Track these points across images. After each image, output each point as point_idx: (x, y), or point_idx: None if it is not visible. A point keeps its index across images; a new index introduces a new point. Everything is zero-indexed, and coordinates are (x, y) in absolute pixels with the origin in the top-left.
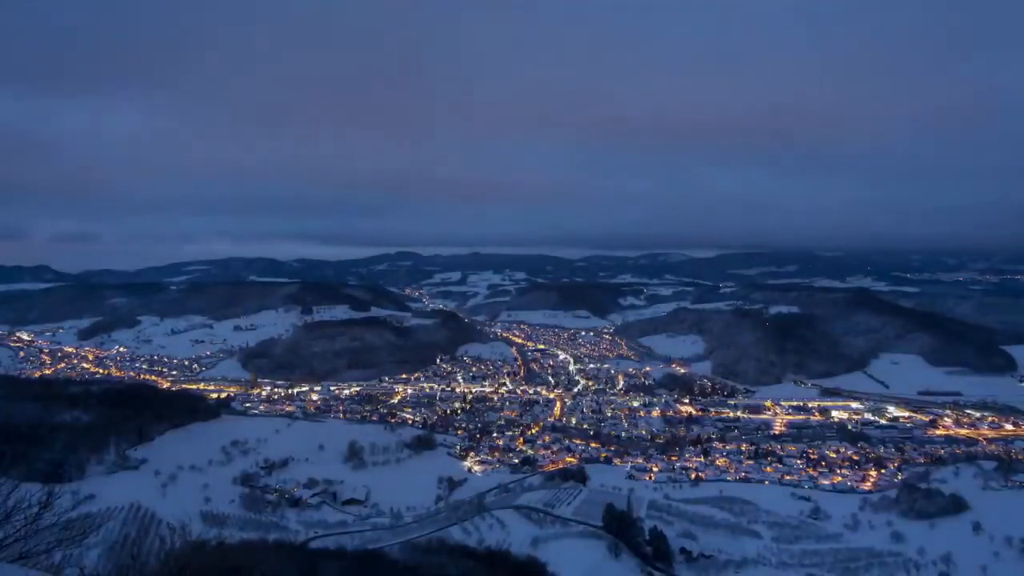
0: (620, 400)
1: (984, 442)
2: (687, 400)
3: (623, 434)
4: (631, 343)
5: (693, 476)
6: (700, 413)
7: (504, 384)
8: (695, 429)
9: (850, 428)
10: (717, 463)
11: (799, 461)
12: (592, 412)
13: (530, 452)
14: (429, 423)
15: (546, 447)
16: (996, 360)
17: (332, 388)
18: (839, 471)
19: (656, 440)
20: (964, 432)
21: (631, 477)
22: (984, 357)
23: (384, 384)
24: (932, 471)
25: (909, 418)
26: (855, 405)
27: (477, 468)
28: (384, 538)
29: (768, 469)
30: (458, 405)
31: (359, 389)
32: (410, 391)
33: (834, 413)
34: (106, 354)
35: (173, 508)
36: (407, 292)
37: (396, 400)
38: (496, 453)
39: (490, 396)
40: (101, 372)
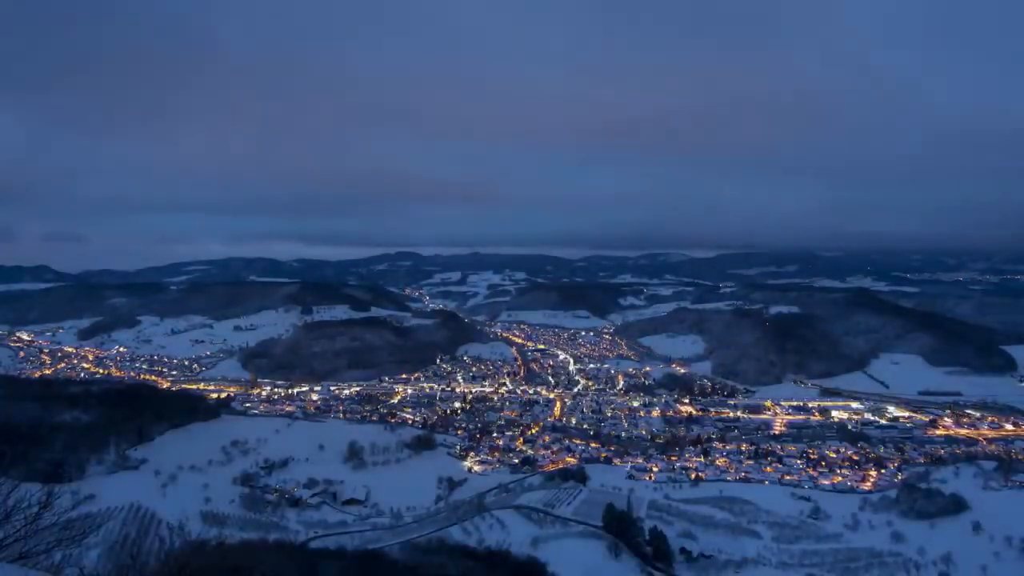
0: (620, 400)
1: (984, 442)
2: (687, 400)
3: (623, 434)
4: (631, 343)
5: (693, 476)
6: (700, 413)
7: (504, 384)
8: (695, 429)
9: (850, 428)
10: (717, 463)
11: (799, 461)
12: (592, 412)
13: (530, 452)
14: (429, 423)
15: (546, 447)
16: (996, 360)
17: (332, 388)
18: (839, 471)
19: (656, 440)
20: (964, 432)
21: (631, 477)
22: (984, 357)
23: (384, 384)
24: (932, 471)
25: (909, 418)
26: (855, 405)
27: (477, 468)
28: (384, 538)
29: (768, 469)
30: (458, 405)
31: (359, 389)
32: (410, 391)
33: (834, 413)
34: (106, 354)
35: (173, 508)
36: (407, 292)
37: (396, 400)
38: (496, 453)
39: (490, 396)
40: (101, 372)
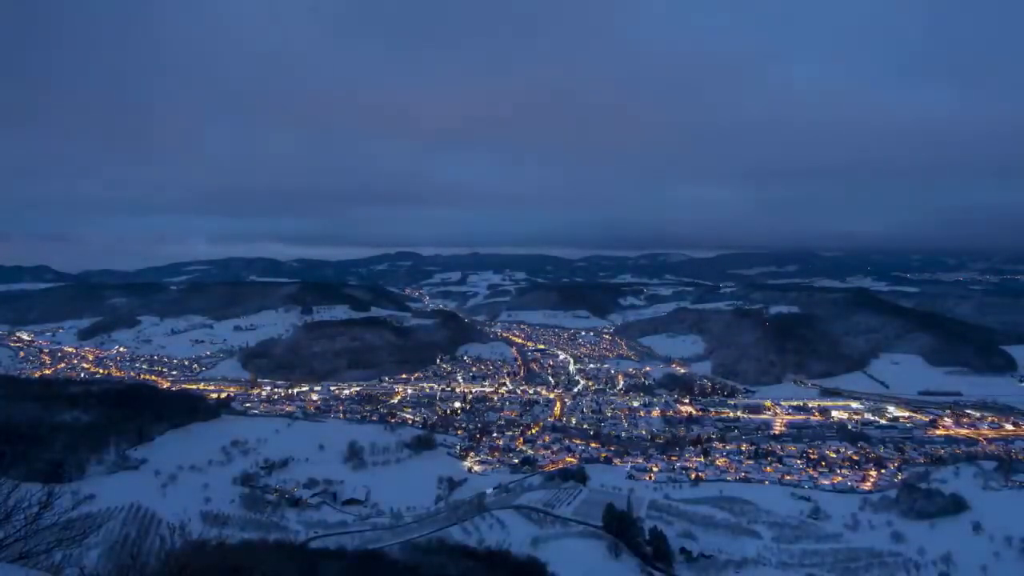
0: (620, 400)
1: (984, 442)
2: (687, 400)
3: (623, 434)
4: (631, 343)
5: (693, 476)
6: (700, 413)
7: (504, 384)
8: (695, 429)
9: (850, 428)
10: (717, 463)
11: (799, 461)
12: (592, 412)
13: (530, 452)
14: (429, 423)
15: (546, 447)
16: (996, 360)
17: (332, 388)
18: (839, 471)
19: (656, 440)
20: (964, 432)
21: (631, 477)
22: (984, 357)
23: (384, 384)
24: (932, 471)
25: (909, 418)
26: (855, 405)
27: (477, 468)
28: (384, 538)
29: (768, 469)
30: (458, 405)
31: (359, 389)
32: (410, 391)
33: (834, 413)
34: (106, 354)
35: (173, 508)
36: (407, 292)
37: (396, 400)
38: (496, 453)
39: (490, 396)
40: (101, 372)
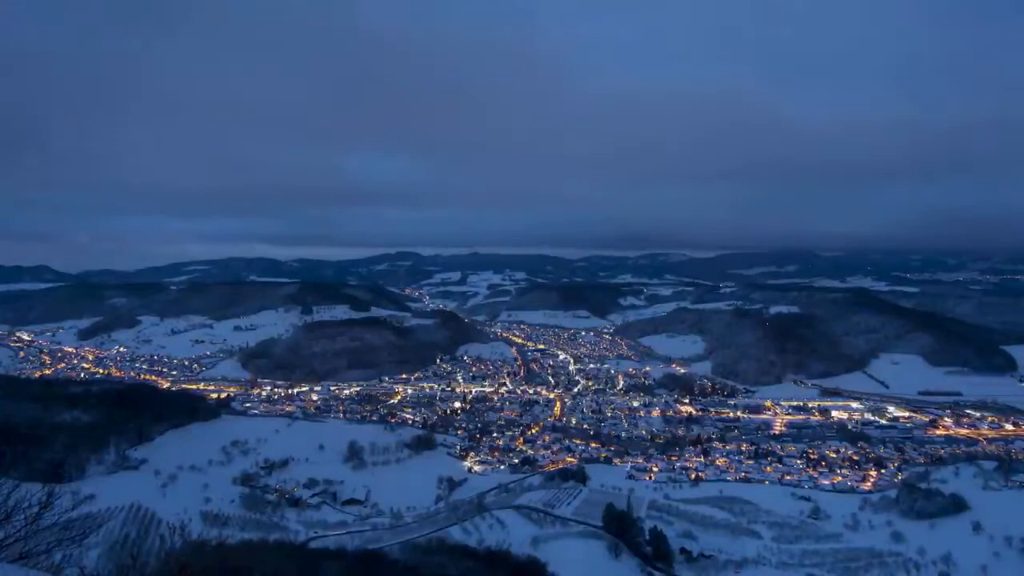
0: (620, 400)
1: (984, 442)
2: (687, 400)
3: (623, 434)
4: (631, 343)
5: (693, 476)
6: (700, 413)
7: (504, 384)
8: (695, 429)
9: (850, 428)
10: (717, 463)
11: (799, 461)
12: (592, 412)
13: (530, 452)
14: (429, 423)
15: (546, 447)
16: (996, 360)
17: (332, 388)
18: (839, 471)
19: (656, 440)
20: (964, 432)
21: (631, 477)
22: (984, 357)
23: (384, 384)
24: (932, 471)
25: (909, 418)
26: (855, 405)
27: (477, 468)
28: (384, 538)
29: (768, 469)
30: (458, 405)
31: (359, 389)
32: (410, 391)
33: (834, 413)
34: (106, 354)
35: (173, 508)
36: (407, 292)
37: (396, 400)
38: (496, 453)
39: (490, 396)
40: (101, 372)
